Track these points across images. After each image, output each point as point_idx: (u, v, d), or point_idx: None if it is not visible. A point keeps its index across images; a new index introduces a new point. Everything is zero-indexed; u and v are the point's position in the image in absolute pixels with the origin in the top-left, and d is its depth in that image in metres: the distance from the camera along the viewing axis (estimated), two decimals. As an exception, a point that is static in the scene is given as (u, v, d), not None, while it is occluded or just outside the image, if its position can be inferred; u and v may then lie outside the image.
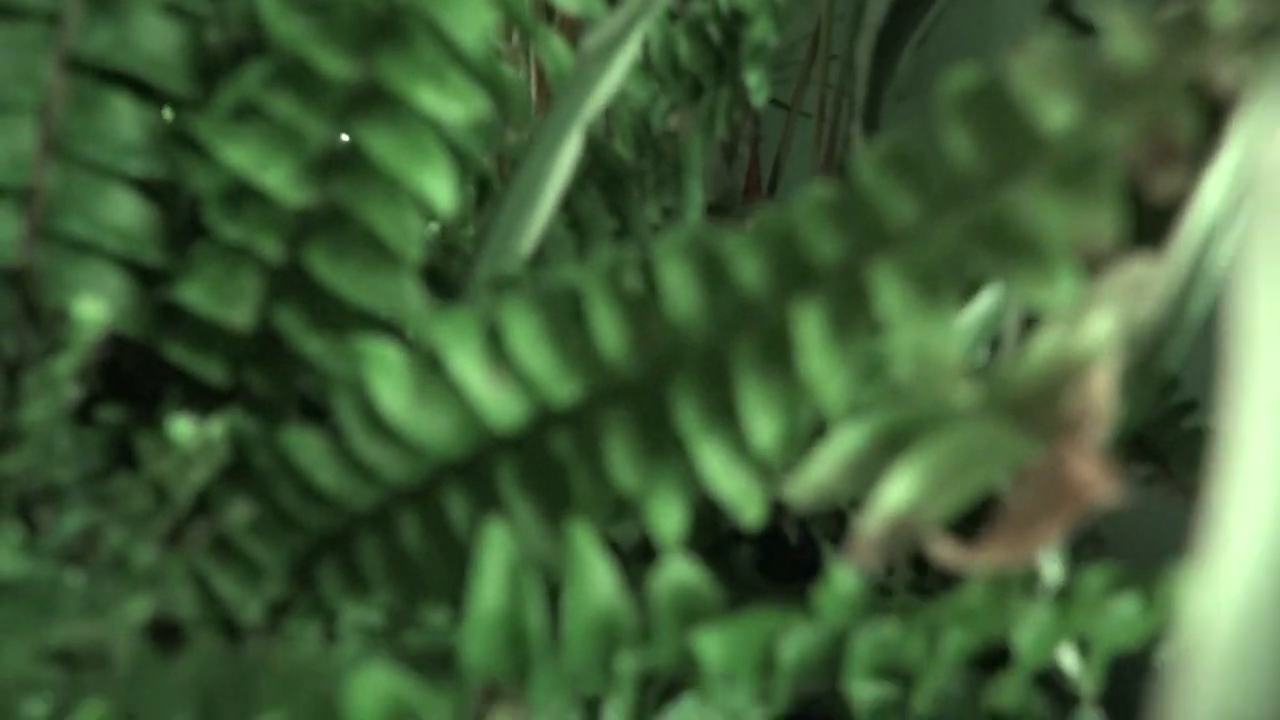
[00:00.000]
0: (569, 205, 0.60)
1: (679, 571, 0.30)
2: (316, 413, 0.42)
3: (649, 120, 0.64)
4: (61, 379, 0.39)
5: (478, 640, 0.30)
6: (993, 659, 0.42)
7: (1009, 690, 0.36)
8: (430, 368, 0.33)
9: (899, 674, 0.38)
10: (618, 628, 0.30)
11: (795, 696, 0.43)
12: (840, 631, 0.33)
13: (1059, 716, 0.43)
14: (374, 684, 0.27)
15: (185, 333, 0.41)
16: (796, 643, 0.33)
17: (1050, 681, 0.46)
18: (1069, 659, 0.41)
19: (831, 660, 0.35)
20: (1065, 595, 0.33)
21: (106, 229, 0.40)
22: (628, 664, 0.33)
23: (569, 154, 0.48)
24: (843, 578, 0.31)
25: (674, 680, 0.45)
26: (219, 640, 0.37)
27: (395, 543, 0.38)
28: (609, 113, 0.63)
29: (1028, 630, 0.33)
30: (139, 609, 0.34)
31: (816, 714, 0.49)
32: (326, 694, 0.28)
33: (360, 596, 0.40)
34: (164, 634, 0.41)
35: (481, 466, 0.34)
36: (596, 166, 0.63)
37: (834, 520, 0.58)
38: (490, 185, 0.58)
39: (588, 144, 0.60)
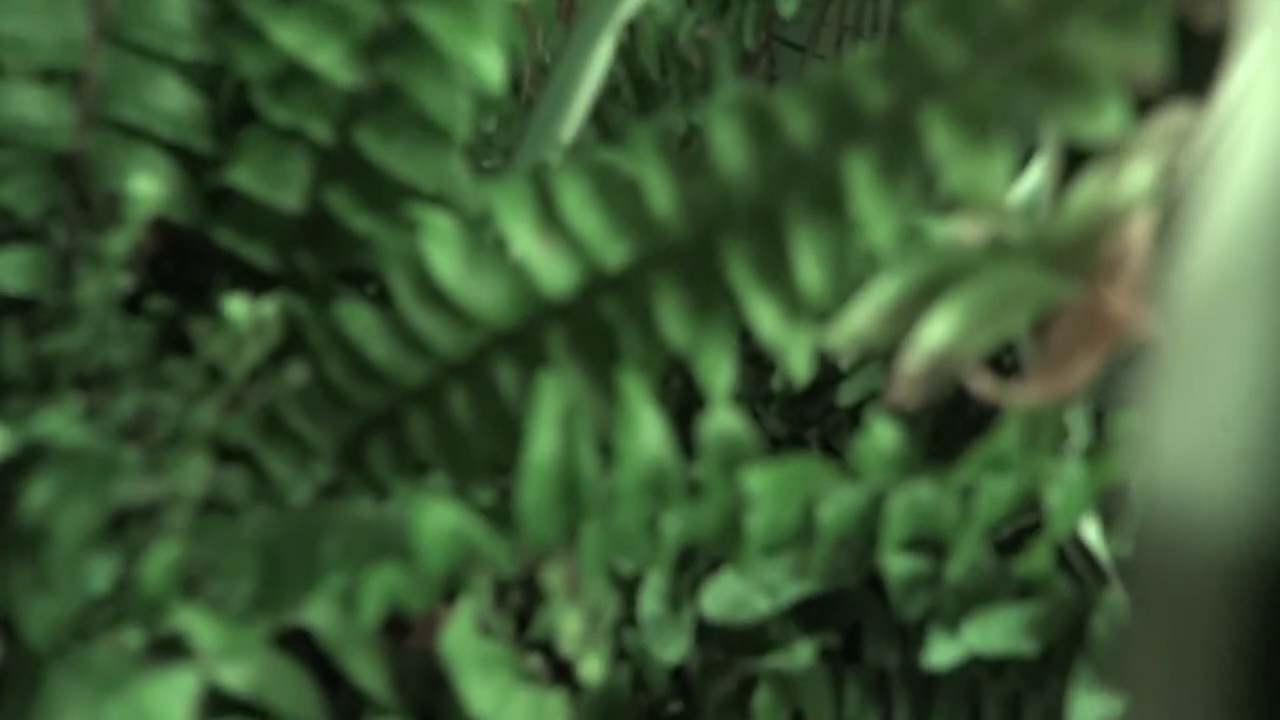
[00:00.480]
0: (599, 115, 0.60)
1: (725, 421, 0.31)
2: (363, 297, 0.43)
3: (675, 34, 0.64)
4: (114, 258, 0.40)
5: (532, 489, 0.31)
6: (1019, 539, 0.43)
7: (1038, 556, 0.37)
8: (482, 235, 0.34)
9: (932, 545, 0.39)
10: (666, 480, 0.31)
11: (829, 573, 0.44)
12: (879, 491, 0.34)
13: (1083, 598, 0.44)
14: (440, 517, 0.28)
15: (234, 217, 0.42)
16: (836, 504, 0.34)
17: (1072, 567, 0.47)
18: (1093, 533, 0.43)
19: (868, 525, 0.36)
20: (1093, 453, 0.34)
21: (156, 114, 0.41)
22: (674, 526, 0.34)
23: (599, 62, 0.49)
24: (882, 431, 0.32)
25: (713, 560, 0.46)
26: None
27: (445, 417, 0.39)
28: (635, 26, 0.63)
29: (1058, 489, 0.34)
30: (197, 470, 0.35)
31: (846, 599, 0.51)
32: (392, 535, 0.29)
33: (411, 478, 0.41)
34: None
35: (531, 335, 0.35)
36: (626, 79, 0.63)
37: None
38: (520, 92, 0.59)
39: (618, 55, 0.61)
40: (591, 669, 0.31)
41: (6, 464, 0.34)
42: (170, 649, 0.38)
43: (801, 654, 0.48)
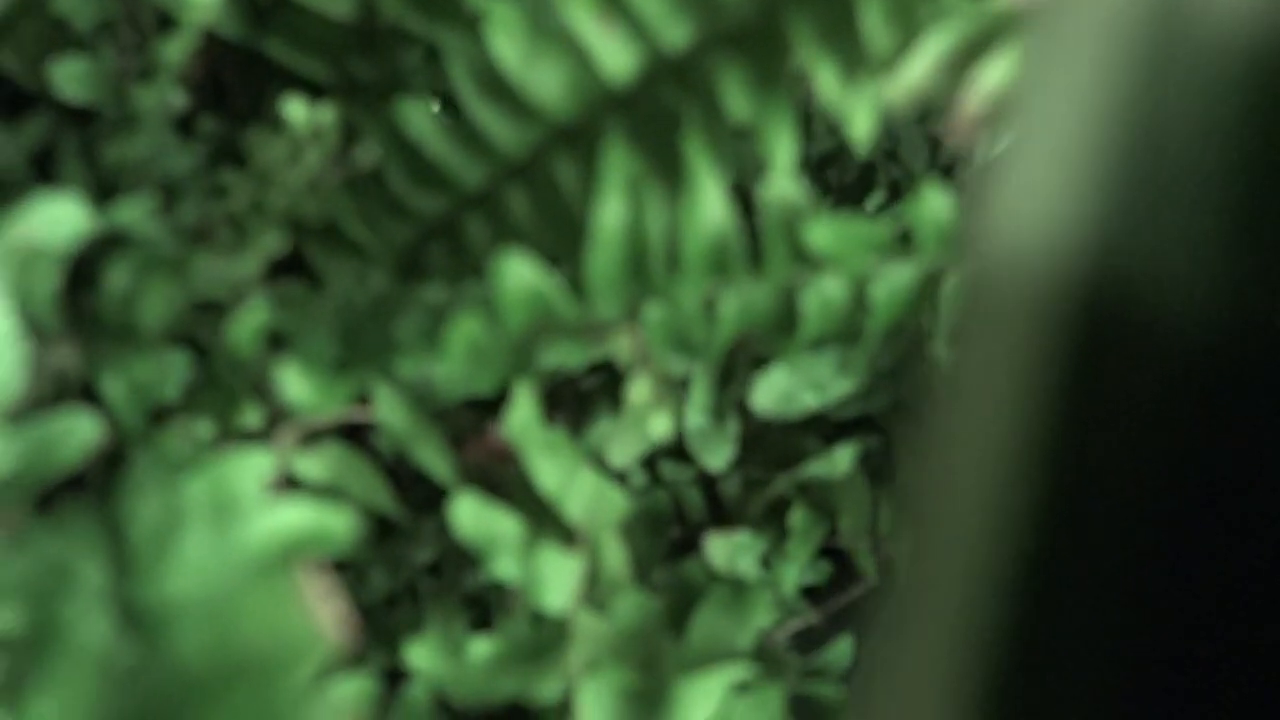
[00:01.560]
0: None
1: (785, 187, 0.32)
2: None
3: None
4: (170, 66, 0.40)
5: (600, 258, 0.32)
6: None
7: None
8: (544, 22, 0.35)
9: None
10: (728, 251, 0.33)
11: (874, 373, 0.45)
12: (933, 269, 0.35)
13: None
14: (521, 274, 0.29)
15: (286, 29, 0.42)
16: (888, 283, 0.35)
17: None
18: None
19: (918, 310, 0.37)
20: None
21: (207, -73, 0.41)
22: (731, 306, 0.35)
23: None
24: (934, 197, 0.33)
25: (759, 358, 0.47)
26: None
27: (504, 220, 0.40)
28: None
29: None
30: (271, 243, 0.36)
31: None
32: (472, 299, 0.31)
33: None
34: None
35: (592, 128, 0.36)
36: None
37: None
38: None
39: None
40: (660, 427, 0.33)
41: (88, 253, 0.35)
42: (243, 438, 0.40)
43: (841, 460, 0.49)
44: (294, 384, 0.32)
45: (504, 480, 0.42)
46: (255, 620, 0.27)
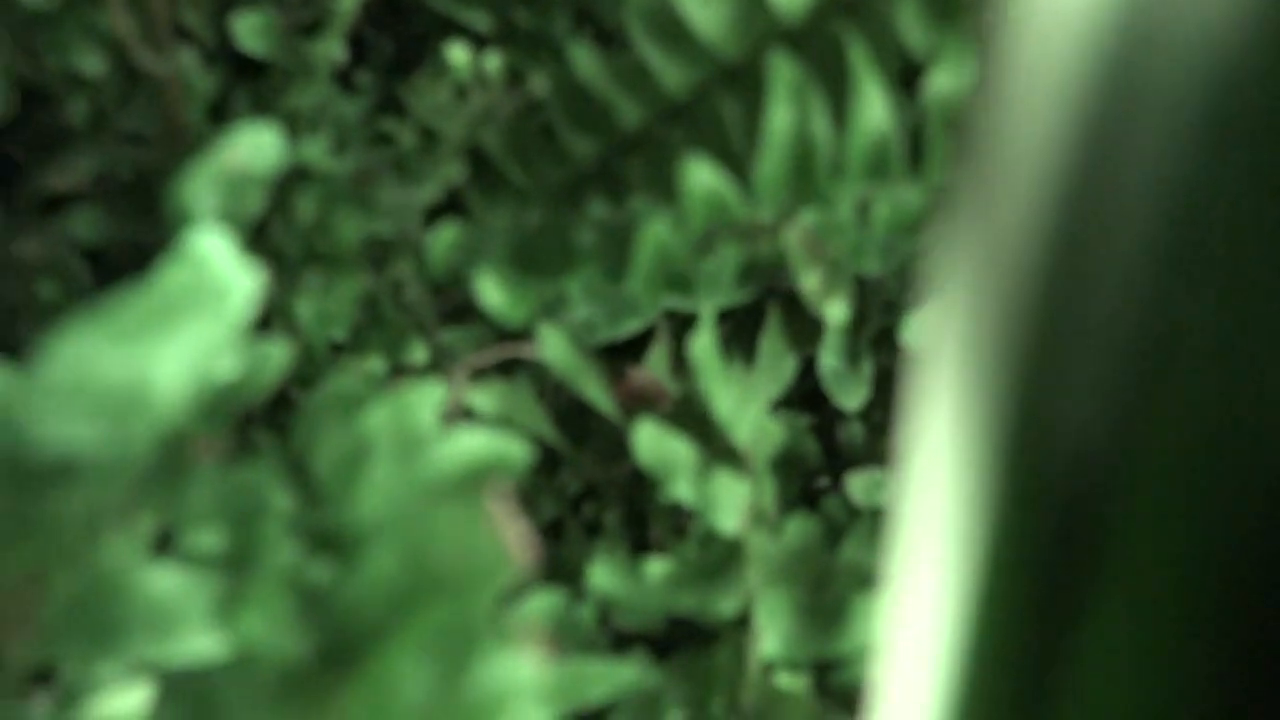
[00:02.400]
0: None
1: (945, 83, 0.33)
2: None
3: None
4: (343, 15, 0.42)
5: (770, 158, 0.33)
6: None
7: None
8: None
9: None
10: (889, 151, 0.34)
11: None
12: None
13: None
14: (703, 175, 0.30)
15: (447, -19, 0.44)
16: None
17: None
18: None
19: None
20: None
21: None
22: (884, 206, 0.36)
23: None
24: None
25: (891, 302, 0.48)
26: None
27: (662, 161, 0.42)
28: None
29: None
30: (451, 174, 0.38)
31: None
32: (652, 209, 0.32)
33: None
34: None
35: (757, 66, 0.38)
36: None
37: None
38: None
39: None
40: (837, 312, 0.34)
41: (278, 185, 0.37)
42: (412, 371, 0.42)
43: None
44: (490, 292, 0.34)
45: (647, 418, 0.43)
46: (445, 542, 0.28)
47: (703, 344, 0.37)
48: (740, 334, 0.54)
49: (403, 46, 0.48)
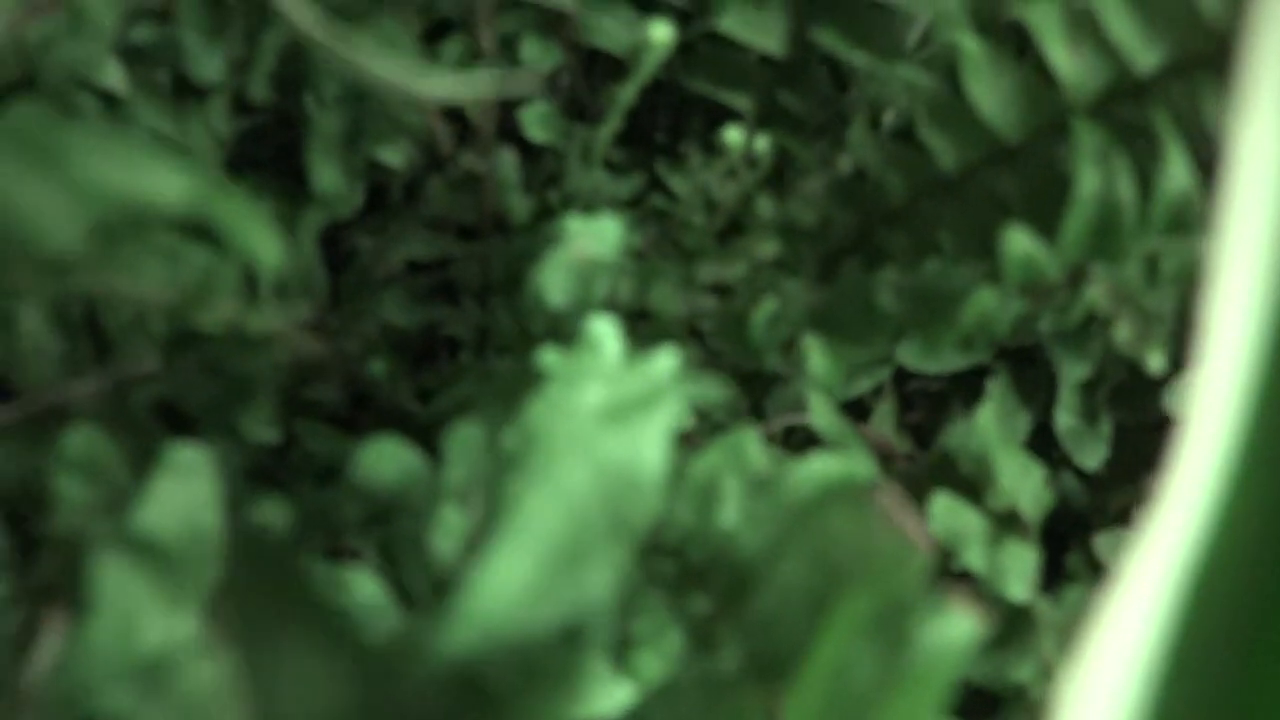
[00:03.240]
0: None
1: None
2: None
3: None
4: (622, 104, 0.44)
5: (1077, 219, 0.34)
6: None
7: None
8: (1009, 48, 0.37)
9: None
10: (1190, 206, 0.35)
11: None
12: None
13: None
14: (1020, 239, 0.31)
15: (710, 64, 0.46)
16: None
17: None
18: None
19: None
20: None
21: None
22: (1173, 262, 0.37)
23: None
24: None
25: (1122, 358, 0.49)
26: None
27: (923, 232, 0.43)
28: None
29: None
30: (766, 249, 0.39)
31: None
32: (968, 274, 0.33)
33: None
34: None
35: (1040, 144, 0.39)
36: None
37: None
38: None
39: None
40: (1156, 362, 0.35)
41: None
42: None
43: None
44: (816, 359, 0.35)
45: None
46: (845, 542, 0.28)
47: (989, 412, 0.38)
48: (961, 391, 0.55)
49: (668, 128, 0.50)
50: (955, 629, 0.22)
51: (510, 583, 0.22)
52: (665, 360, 0.25)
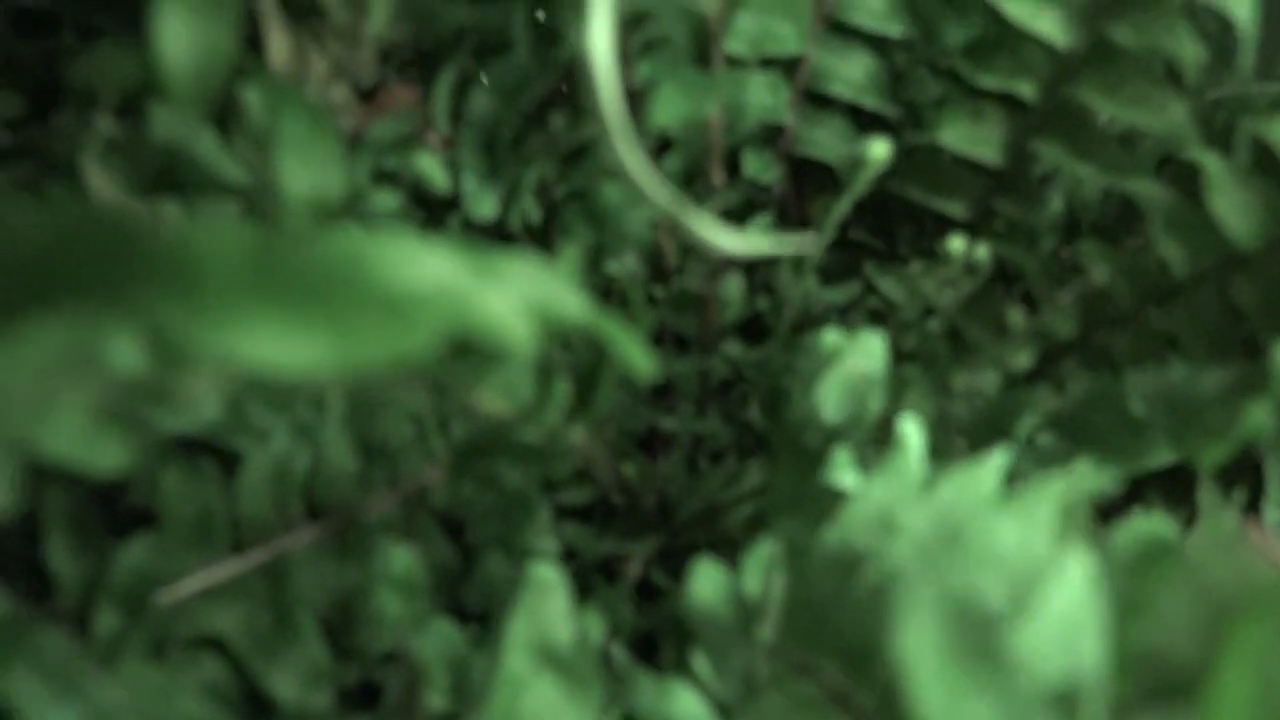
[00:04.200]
0: None
1: None
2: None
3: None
4: (838, 216, 0.46)
5: None
6: None
7: None
8: (1241, 160, 0.38)
9: None
10: None
11: None
12: None
13: None
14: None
15: (924, 173, 0.47)
16: None
17: None
18: None
19: None
20: None
21: (851, 85, 0.47)
22: None
23: None
24: None
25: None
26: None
27: (1150, 338, 0.44)
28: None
29: None
30: (1023, 361, 0.40)
31: None
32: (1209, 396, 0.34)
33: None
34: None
35: (1276, 252, 0.40)
36: None
37: None
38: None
39: None
40: None
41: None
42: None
43: None
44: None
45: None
46: (1224, 573, 0.29)
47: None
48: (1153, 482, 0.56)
49: (873, 229, 0.51)
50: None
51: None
52: (999, 458, 0.26)
